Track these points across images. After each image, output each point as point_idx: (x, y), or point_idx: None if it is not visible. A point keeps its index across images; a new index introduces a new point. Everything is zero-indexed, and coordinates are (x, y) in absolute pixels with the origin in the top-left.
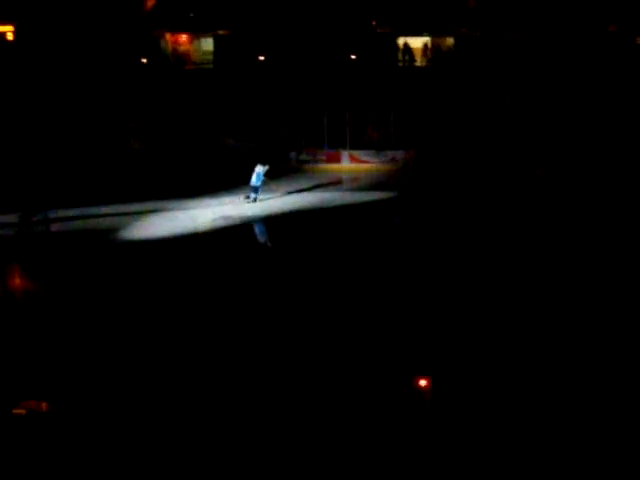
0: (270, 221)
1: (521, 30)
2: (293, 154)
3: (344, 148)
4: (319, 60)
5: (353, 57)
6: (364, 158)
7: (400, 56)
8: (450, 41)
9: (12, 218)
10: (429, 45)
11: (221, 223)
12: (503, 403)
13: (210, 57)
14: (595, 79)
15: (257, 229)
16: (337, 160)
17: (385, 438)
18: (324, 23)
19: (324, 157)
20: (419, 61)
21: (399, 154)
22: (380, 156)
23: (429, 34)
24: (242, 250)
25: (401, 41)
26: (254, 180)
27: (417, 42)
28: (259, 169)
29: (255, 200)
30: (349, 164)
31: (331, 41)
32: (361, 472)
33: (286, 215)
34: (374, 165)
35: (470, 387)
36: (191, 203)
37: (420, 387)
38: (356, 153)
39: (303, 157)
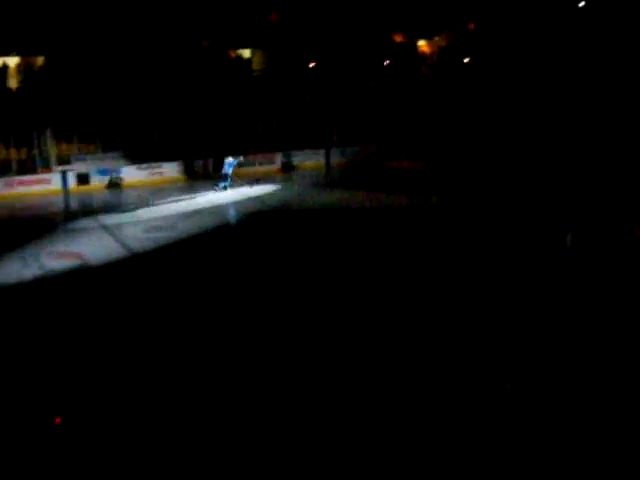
0: None
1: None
2: None
3: None
4: None
5: None
6: None
7: None
8: (41, 60)
9: None
10: (19, 65)
11: None
12: None
13: None
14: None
15: None
16: None
17: None
18: None
19: None
20: (11, 82)
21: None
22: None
23: (18, 54)
24: None
25: None
26: (225, 168)
27: (9, 62)
28: (230, 160)
29: (225, 188)
30: None
31: None
32: None
33: None
34: None
35: None
36: None
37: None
38: None
39: None
